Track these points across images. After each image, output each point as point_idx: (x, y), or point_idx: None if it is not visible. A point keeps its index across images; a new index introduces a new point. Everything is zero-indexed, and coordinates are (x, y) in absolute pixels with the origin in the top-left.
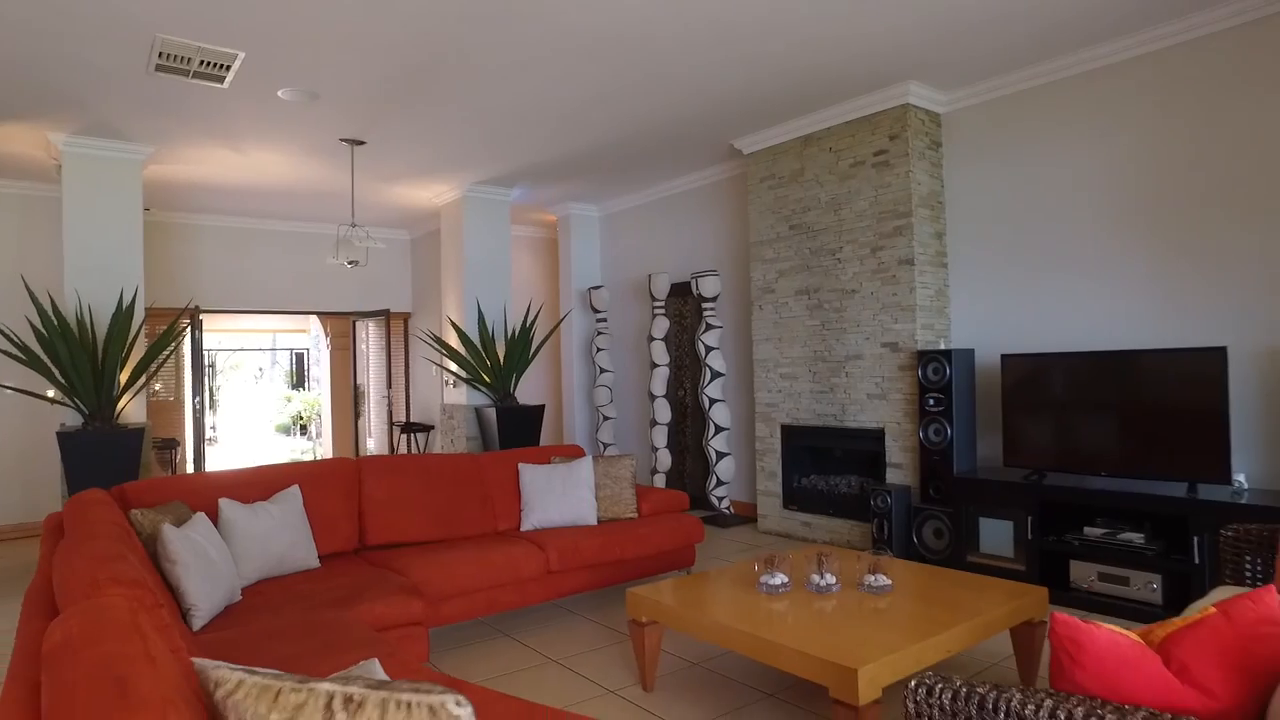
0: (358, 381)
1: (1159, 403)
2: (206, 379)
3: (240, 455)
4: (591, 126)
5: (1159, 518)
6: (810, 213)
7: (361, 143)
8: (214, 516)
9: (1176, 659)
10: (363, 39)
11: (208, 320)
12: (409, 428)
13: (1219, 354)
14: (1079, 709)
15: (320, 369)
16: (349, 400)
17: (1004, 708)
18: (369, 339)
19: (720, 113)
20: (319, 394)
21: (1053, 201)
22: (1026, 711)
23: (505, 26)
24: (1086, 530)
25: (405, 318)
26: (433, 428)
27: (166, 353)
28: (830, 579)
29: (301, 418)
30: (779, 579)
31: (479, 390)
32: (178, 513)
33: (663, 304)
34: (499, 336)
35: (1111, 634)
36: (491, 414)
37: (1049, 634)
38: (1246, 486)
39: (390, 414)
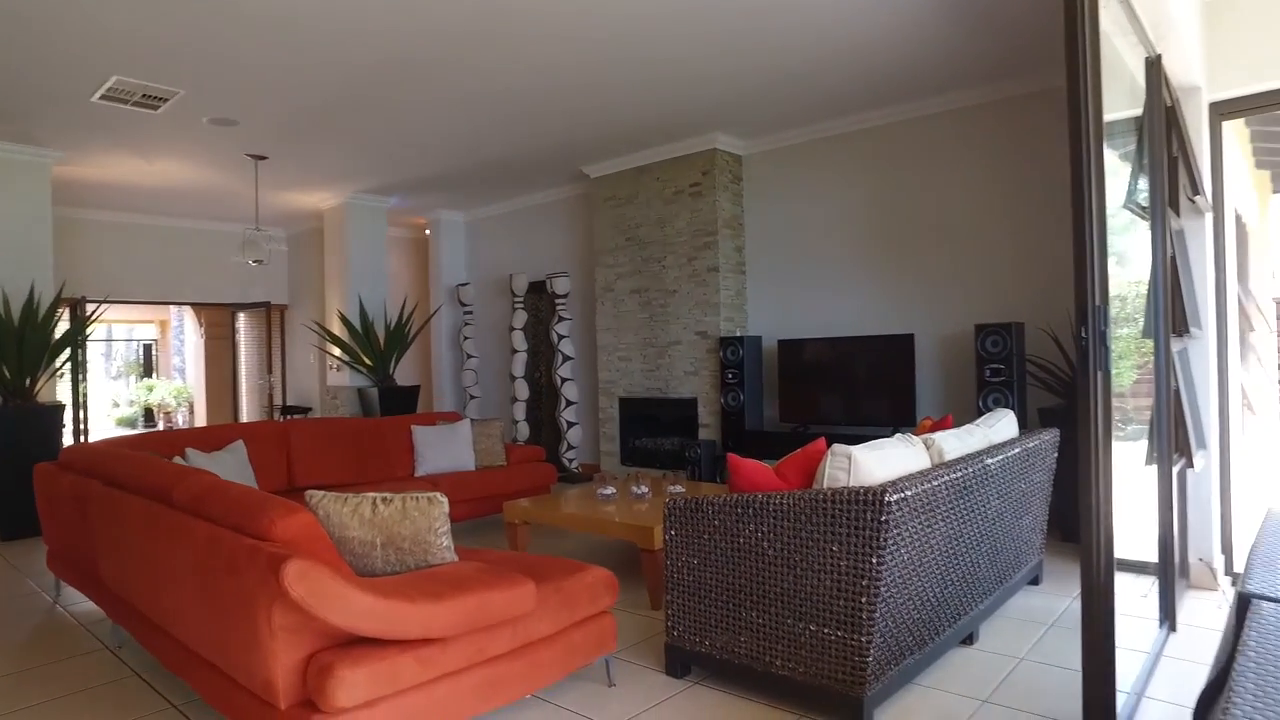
0: (237, 369)
1: (875, 373)
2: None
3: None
4: (461, 153)
5: None
6: (642, 228)
7: (264, 158)
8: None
9: (780, 472)
10: (285, 83)
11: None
12: (287, 410)
13: (909, 339)
14: (733, 496)
15: (183, 359)
16: (226, 387)
17: (706, 502)
18: (242, 329)
19: (570, 146)
20: (181, 383)
21: (816, 227)
22: (716, 501)
23: (399, 81)
24: None
25: (283, 310)
26: (310, 410)
27: (81, 338)
28: (644, 489)
29: (155, 407)
30: (610, 490)
31: (360, 373)
32: None
33: (522, 299)
34: (379, 326)
35: (753, 462)
36: (374, 393)
37: (727, 466)
38: None
39: (270, 398)
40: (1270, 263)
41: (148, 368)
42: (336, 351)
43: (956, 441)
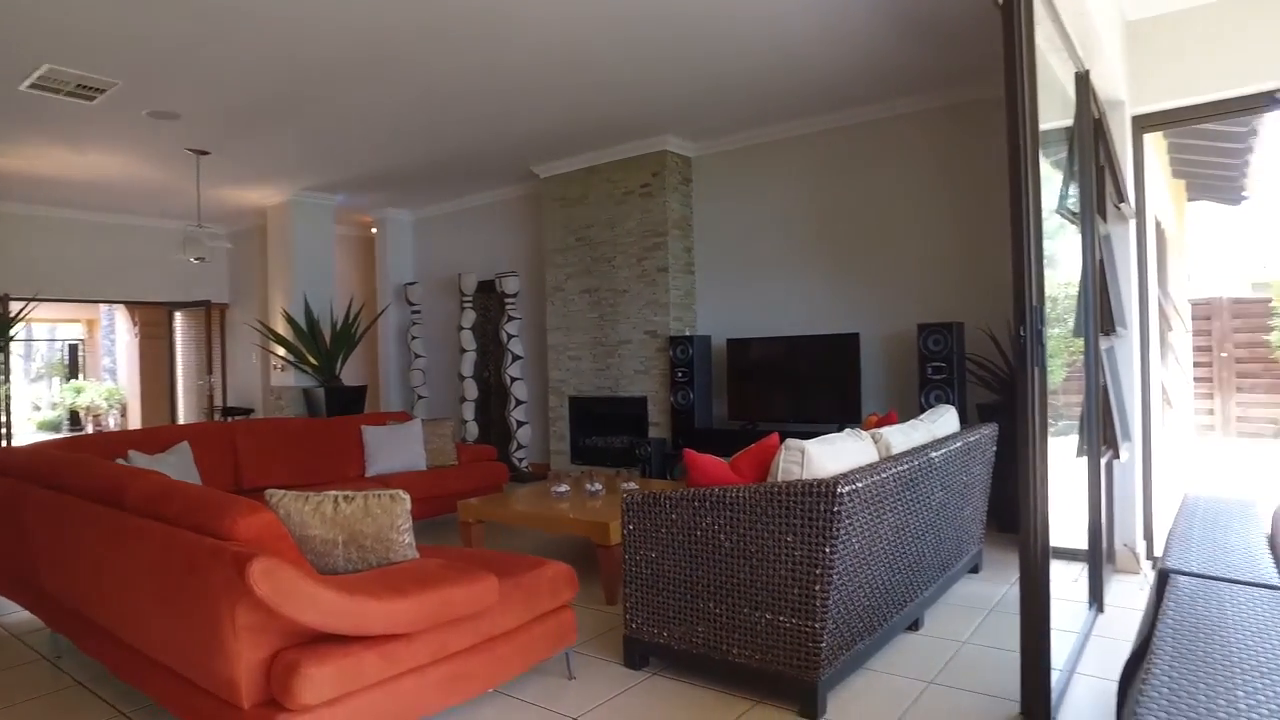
0: (174, 370)
1: (822, 371)
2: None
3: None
4: (409, 151)
5: None
6: (592, 228)
7: (206, 153)
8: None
9: (735, 466)
10: (230, 77)
11: None
12: (228, 412)
13: (854, 338)
14: (691, 490)
15: (113, 359)
16: (162, 388)
17: (665, 496)
18: (180, 329)
19: (520, 145)
20: (112, 384)
21: (764, 228)
22: (672, 495)
23: (347, 78)
24: None
25: (223, 309)
26: (252, 411)
27: (4, 339)
28: (598, 486)
29: (84, 410)
30: (564, 488)
31: (306, 373)
32: None
33: (471, 299)
34: (325, 325)
35: (709, 457)
36: (320, 394)
37: (684, 461)
38: None
39: (211, 399)
40: (1186, 267)
41: (73, 369)
42: (281, 351)
43: (902, 436)
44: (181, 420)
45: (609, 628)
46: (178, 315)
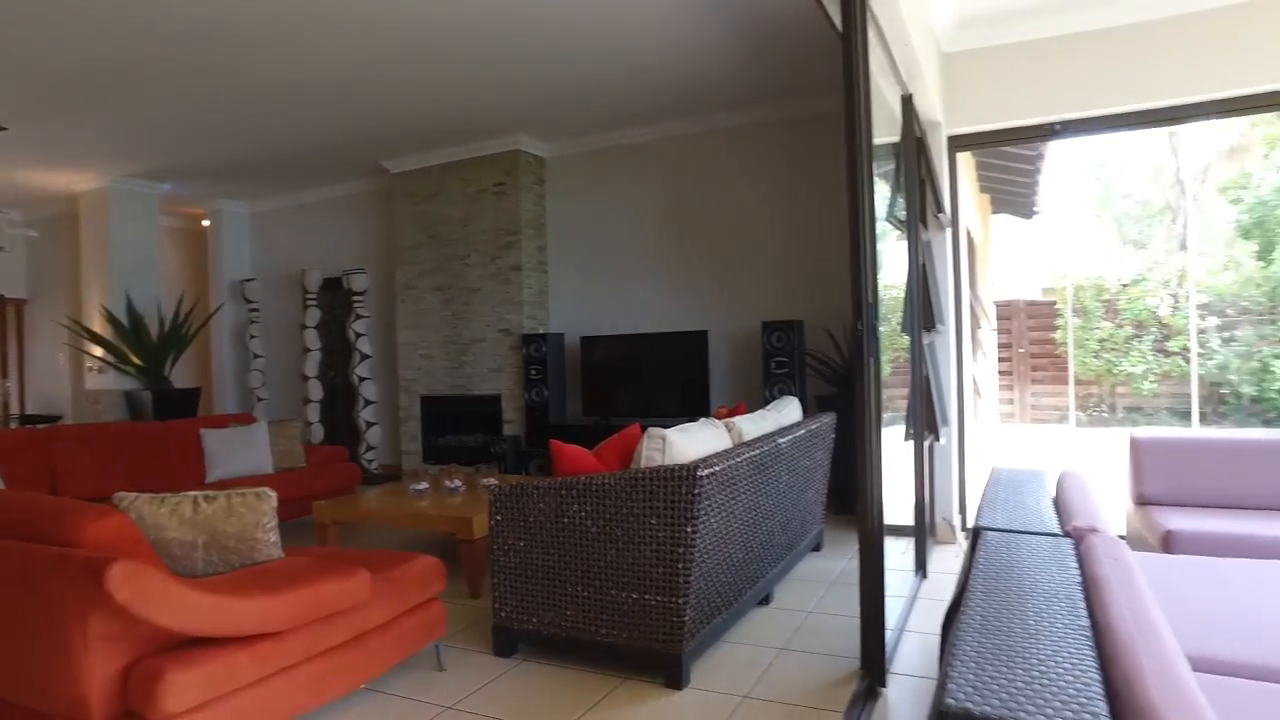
0: None
1: (673, 367)
2: None
3: None
4: (248, 140)
5: None
6: (445, 226)
7: (4, 129)
8: None
9: (599, 455)
10: (32, 46)
11: None
12: (28, 420)
13: (703, 335)
14: (559, 479)
15: None
16: None
17: (532, 486)
18: None
19: (368, 139)
20: None
21: (616, 229)
22: (540, 484)
23: (175, 58)
24: None
25: (20, 305)
26: (60, 418)
27: None
28: (458, 483)
29: None
30: (423, 485)
31: (129, 374)
32: None
33: (315, 296)
34: (152, 323)
35: (575, 447)
36: (146, 397)
37: (549, 453)
38: None
39: (6, 407)
40: (991, 271)
41: None
42: (98, 352)
43: (753, 425)
44: None
45: (475, 620)
46: None
